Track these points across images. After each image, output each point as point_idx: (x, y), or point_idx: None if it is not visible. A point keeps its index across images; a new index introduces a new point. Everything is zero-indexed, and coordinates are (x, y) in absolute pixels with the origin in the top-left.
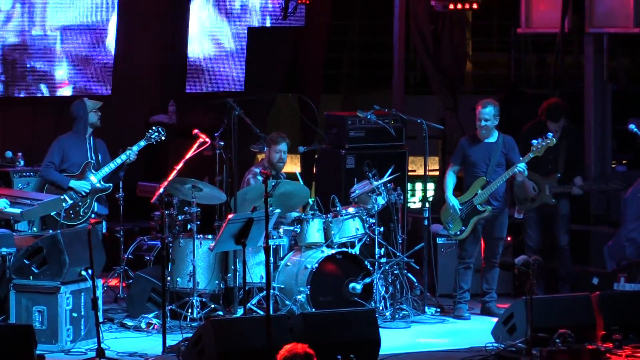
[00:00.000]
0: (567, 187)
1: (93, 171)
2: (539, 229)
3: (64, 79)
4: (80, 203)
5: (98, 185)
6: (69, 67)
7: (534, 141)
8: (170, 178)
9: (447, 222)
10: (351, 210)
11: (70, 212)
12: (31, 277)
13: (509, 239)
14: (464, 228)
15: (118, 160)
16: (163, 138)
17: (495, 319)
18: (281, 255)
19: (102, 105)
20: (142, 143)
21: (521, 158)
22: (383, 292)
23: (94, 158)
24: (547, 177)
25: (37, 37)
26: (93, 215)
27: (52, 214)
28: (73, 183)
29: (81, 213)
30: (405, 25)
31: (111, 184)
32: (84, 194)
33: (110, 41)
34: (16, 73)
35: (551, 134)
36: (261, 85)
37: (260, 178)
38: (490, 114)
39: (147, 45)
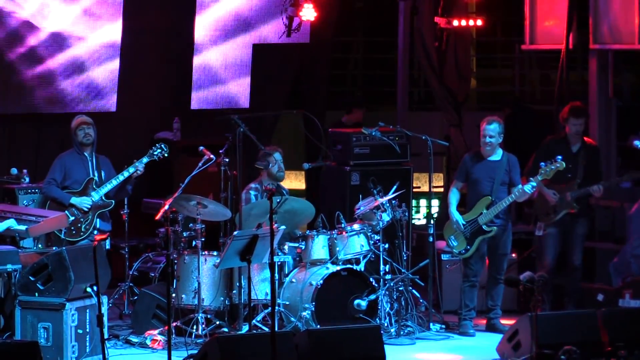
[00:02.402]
0: (587, 190)
1: (95, 187)
2: (556, 246)
3: (68, 96)
4: (81, 219)
5: (99, 202)
6: (73, 83)
7: (542, 163)
8: (175, 195)
9: (450, 240)
10: (356, 226)
11: (72, 228)
12: (36, 294)
13: (514, 255)
14: (469, 247)
15: (120, 177)
16: (166, 155)
17: (500, 336)
18: (286, 272)
19: (84, 121)
20: (145, 160)
21: (532, 178)
22: (388, 309)
23: (96, 175)
24: (567, 185)
25: (43, 54)
26: (95, 232)
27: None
28: (74, 200)
29: (82, 229)
30: (409, 41)
31: (113, 201)
32: (85, 209)
33: (115, 58)
34: (21, 89)
35: (560, 157)
36: (266, 102)
37: (252, 193)
38: (495, 130)
39: (151, 61)
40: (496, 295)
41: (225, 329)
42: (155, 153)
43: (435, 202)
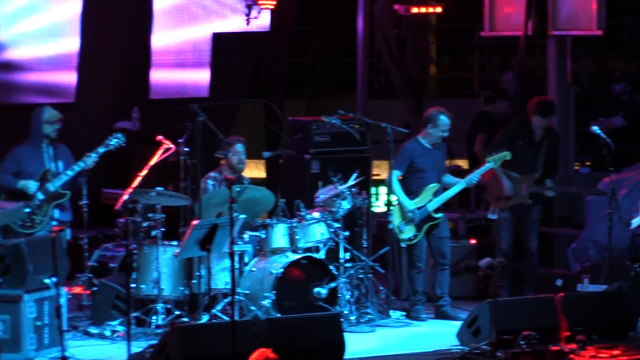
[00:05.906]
0: (542, 188)
1: (51, 179)
2: (511, 231)
3: (26, 85)
4: (36, 211)
5: (55, 192)
6: (32, 73)
7: (488, 154)
8: (134, 185)
9: (400, 226)
10: (316, 214)
11: (26, 220)
12: None
13: (473, 241)
14: (417, 233)
15: (76, 168)
16: (123, 144)
17: (456, 322)
18: (246, 261)
19: (61, 117)
20: (101, 150)
21: (475, 170)
22: (348, 296)
23: (53, 165)
24: (525, 177)
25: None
26: (54, 223)
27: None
28: (20, 183)
29: (37, 221)
30: (369, 29)
31: (69, 191)
32: (30, 192)
33: (75, 48)
34: None
35: (509, 152)
36: (226, 91)
37: (210, 183)
38: (450, 124)
39: (110, 51)
40: (444, 282)
41: (185, 319)
42: (112, 143)
43: None
